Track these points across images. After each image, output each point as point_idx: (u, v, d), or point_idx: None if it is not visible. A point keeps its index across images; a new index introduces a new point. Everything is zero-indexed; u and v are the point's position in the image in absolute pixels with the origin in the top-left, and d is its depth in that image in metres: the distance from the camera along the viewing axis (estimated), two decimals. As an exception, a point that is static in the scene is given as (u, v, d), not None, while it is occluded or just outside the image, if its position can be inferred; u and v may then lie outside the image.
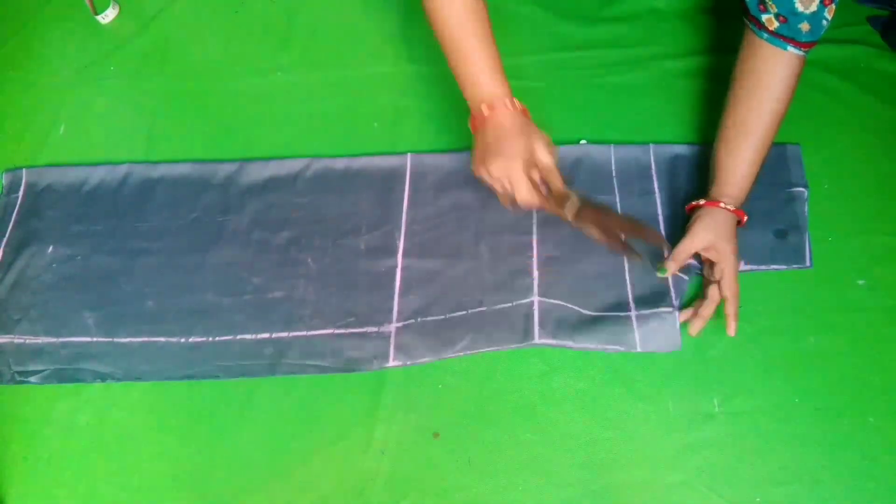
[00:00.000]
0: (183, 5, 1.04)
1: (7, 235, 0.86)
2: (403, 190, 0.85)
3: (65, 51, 1.02)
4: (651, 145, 0.85)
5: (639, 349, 0.74)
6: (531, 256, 0.79)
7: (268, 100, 0.94)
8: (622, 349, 0.74)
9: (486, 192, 0.82)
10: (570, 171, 0.83)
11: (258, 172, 0.87)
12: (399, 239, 0.82)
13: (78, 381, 0.77)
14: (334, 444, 0.73)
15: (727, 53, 0.91)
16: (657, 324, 0.74)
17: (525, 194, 0.68)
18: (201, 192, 0.87)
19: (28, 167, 0.90)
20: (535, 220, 0.81)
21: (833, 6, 0.66)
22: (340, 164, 0.87)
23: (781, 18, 0.67)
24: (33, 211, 0.87)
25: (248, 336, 0.78)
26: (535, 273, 0.78)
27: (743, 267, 0.77)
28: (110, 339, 0.79)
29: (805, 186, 0.81)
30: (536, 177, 0.69)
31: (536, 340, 0.74)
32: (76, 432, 0.75)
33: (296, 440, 0.73)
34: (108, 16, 1.03)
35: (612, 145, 0.85)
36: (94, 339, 0.79)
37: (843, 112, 0.86)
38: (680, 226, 0.79)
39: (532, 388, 0.74)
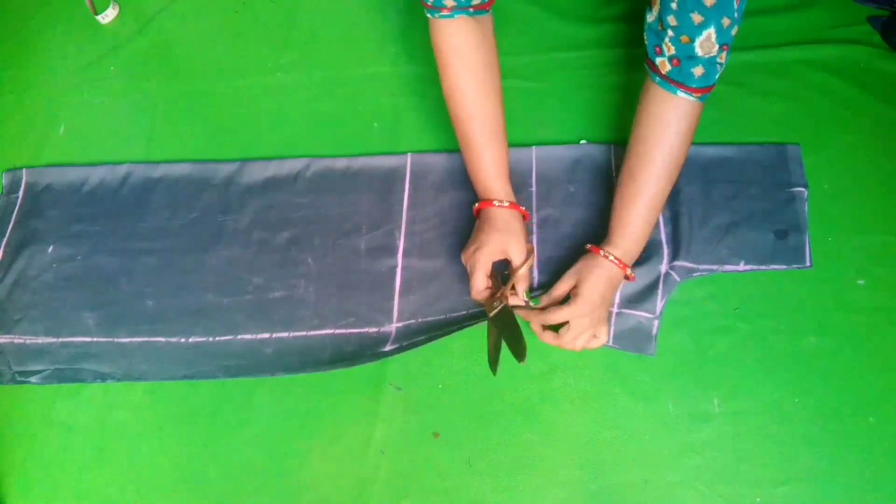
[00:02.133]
0: (183, 5, 1.04)
1: (7, 235, 0.86)
2: (403, 190, 0.85)
3: (65, 51, 1.02)
4: (651, 145, 0.85)
5: (610, 344, 0.74)
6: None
7: (268, 100, 0.94)
8: None
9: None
10: (569, 173, 0.83)
11: (258, 172, 0.87)
12: (399, 239, 0.82)
13: (78, 381, 0.77)
14: (334, 444, 0.73)
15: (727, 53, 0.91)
16: (633, 327, 0.74)
17: (475, 288, 0.71)
18: (201, 192, 0.87)
19: (28, 167, 0.90)
20: (535, 221, 0.81)
21: (726, 53, 0.63)
22: (340, 164, 0.87)
23: (675, 62, 0.63)
24: (33, 211, 0.87)
25: (248, 336, 0.78)
26: (536, 273, 0.78)
27: (743, 267, 0.77)
28: (110, 339, 0.79)
29: (805, 186, 0.81)
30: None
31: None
32: (76, 432, 0.75)
33: (296, 440, 0.73)
34: (108, 16, 1.03)
35: (613, 145, 0.85)
36: (95, 339, 0.79)
37: (843, 112, 0.86)
38: (681, 226, 0.79)
39: (532, 388, 0.74)
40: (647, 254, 0.78)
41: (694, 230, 0.78)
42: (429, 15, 0.69)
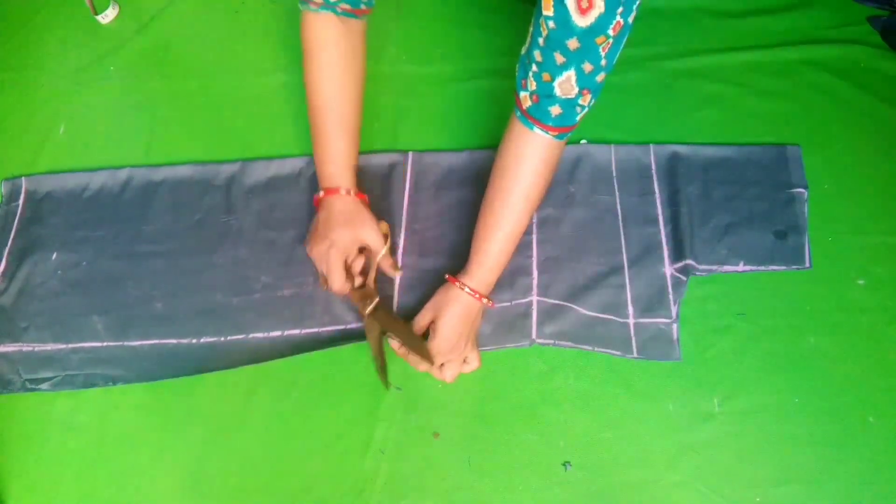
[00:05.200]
0: (183, 5, 1.04)
1: (9, 244, 0.85)
2: (404, 188, 0.85)
3: (65, 51, 1.02)
4: (651, 145, 0.85)
5: (635, 355, 0.74)
6: (531, 256, 0.79)
7: (268, 100, 0.94)
8: (619, 354, 0.74)
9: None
10: (569, 173, 0.84)
11: (261, 172, 0.87)
12: (399, 237, 0.82)
13: (90, 385, 0.76)
14: (334, 444, 0.73)
15: (727, 53, 0.91)
16: (655, 335, 0.75)
17: (336, 283, 0.73)
18: (204, 194, 0.86)
19: (28, 175, 0.89)
20: (535, 220, 0.81)
21: (589, 97, 0.61)
22: (341, 163, 0.87)
23: (535, 98, 0.62)
24: (35, 219, 0.87)
25: (259, 335, 0.78)
26: (535, 272, 0.78)
27: (742, 267, 0.77)
28: (120, 343, 0.78)
29: (805, 187, 0.81)
30: (358, 266, 0.76)
31: (535, 339, 0.75)
32: (76, 432, 0.75)
33: (296, 440, 0.73)
34: (108, 16, 1.03)
35: (613, 145, 0.85)
36: (105, 344, 0.78)
37: (843, 112, 0.86)
38: (681, 226, 0.79)
39: (532, 388, 0.74)
40: (646, 258, 0.78)
41: (694, 230, 0.79)
42: (300, 6, 0.70)
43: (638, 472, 0.70)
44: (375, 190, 0.85)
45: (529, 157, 0.66)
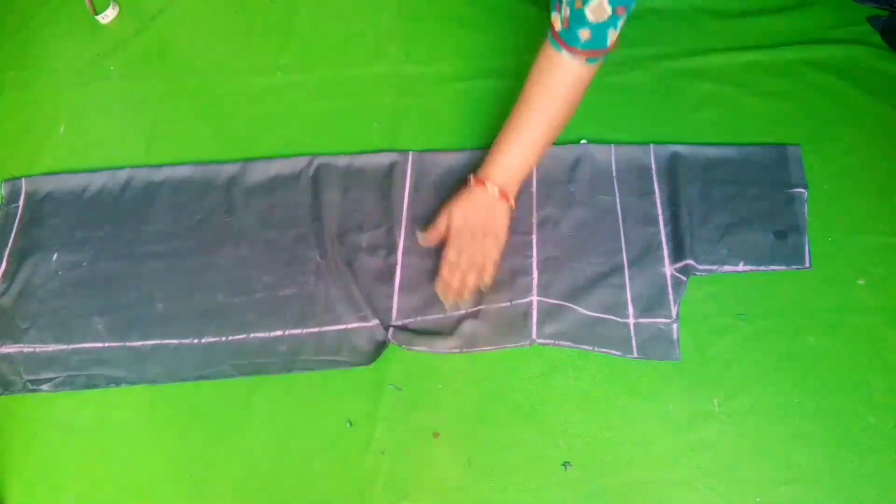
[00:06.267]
0: (183, 5, 1.04)
1: (10, 245, 0.85)
2: (404, 188, 0.85)
3: (65, 51, 1.02)
4: (651, 145, 0.85)
5: (635, 355, 0.74)
6: (531, 256, 0.79)
7: (268, 100, 0.94)
8: (619, 354, 0.74)
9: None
10: (569, 172, 0.84)
11: (261, 172, 0.87)
12: (399, 237, 0.82)
13: (91, 387, 0.76)
14: (334, 444, 0.73)
15: (727, 53, 0.91)
16: (655, 335, 0.75)
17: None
18: (205, 194, 0.86)
19: (27, 176, 0.89)
20: (534, 220, 0.81)
21: (623, 19, 0.62)
22: (342, 161, 0.87)
23: (566, 22, 0.63)
24: (35, 220, 0.87)
25: (261, 334, 0.78)
26: (535, 272, 0.78)
27: (742, 268, 0.77)
28: (122, 344, 0.78)
29: (805, 187, 0.81)
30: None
31: (535, 339, 0.75)
32: (76, 432, 0.75)
33: (296, 440, 0.73)
34: (108, 16, 1.03)
35: (613, 145, 0.85)
36: (106, 345, 0.78)
37: (843, 112, 0.86)
38: (681, 226, 0.79)
39: (532, 388, 0.74)
40: (646, 258, 0.78)
41: (694, 230, 0.79)
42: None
43: (638, 472, 0.70)
44: (375, 190, 0.85)
45: (558, 79, 0.68)
